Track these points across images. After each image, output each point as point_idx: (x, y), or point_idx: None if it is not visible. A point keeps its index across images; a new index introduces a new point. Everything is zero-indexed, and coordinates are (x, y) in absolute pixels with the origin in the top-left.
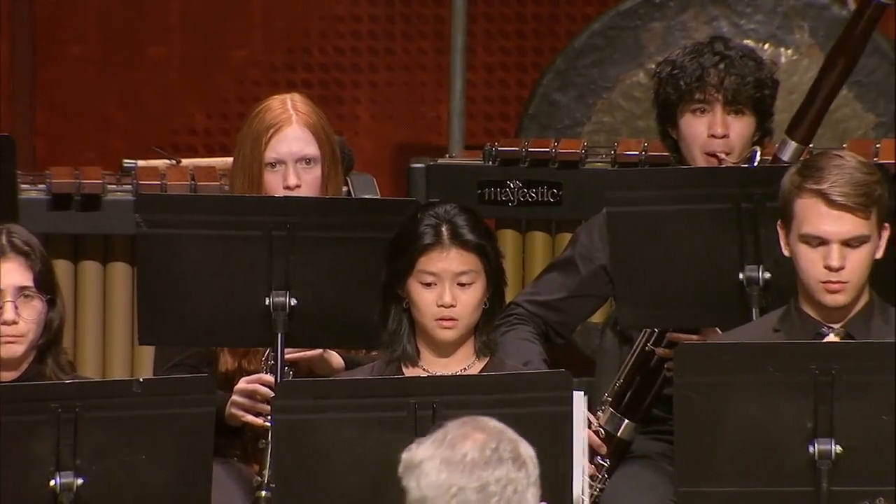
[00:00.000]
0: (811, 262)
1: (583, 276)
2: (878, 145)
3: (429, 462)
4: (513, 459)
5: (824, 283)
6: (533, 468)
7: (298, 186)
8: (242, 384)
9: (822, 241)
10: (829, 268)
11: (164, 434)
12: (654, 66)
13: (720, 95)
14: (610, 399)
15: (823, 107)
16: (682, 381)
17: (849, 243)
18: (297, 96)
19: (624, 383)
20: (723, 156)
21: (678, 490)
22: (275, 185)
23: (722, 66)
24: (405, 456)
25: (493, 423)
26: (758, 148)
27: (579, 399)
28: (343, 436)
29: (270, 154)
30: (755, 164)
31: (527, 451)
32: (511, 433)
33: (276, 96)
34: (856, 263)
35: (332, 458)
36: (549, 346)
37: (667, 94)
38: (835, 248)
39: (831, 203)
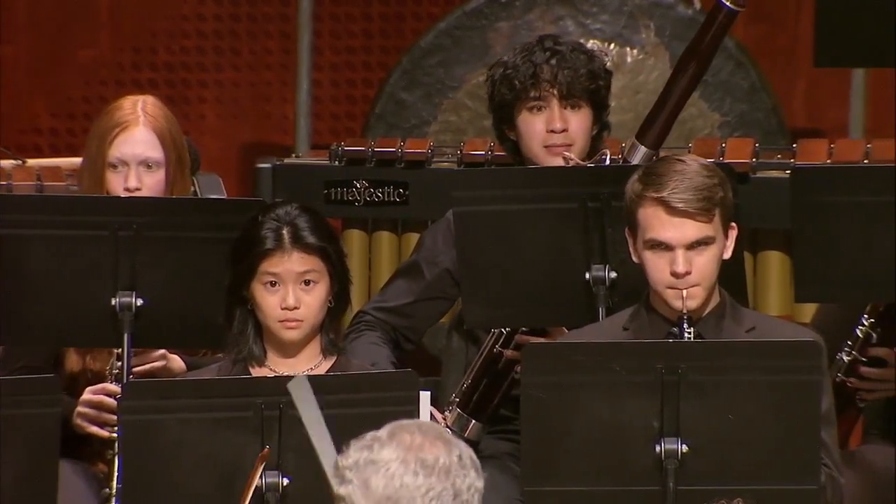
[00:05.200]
0: (658, 269)
1: (428, 279)
2: (723, 144)
3: (399, 464)
4: (475, 468)
5: (672, 288)
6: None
7: (139, 189)
8: (87, 395)
9: (666, 248)
10: (675, 274)
11: (9, 435)
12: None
13: (555, 90)
14: (458, 400)
15: (673, 112)
16: (529, 380)
17: (693, 247)
18: (150, 99)
19: (472, 384)
20: (565, 151)
21: (524, 490)
22: (115, 185)
23: (554, 61)
24: (361, 455)
25: (435, 427)
26: (608, 151)
27: (425, 398)
28: (190, 436)
29: (114, 153)
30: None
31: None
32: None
33: (129, 97)
34: (702, 266)
35: (179, 458)
36: (399, 353)
37: (502, 95)
38: (679, 254)
39: (672, 210)
